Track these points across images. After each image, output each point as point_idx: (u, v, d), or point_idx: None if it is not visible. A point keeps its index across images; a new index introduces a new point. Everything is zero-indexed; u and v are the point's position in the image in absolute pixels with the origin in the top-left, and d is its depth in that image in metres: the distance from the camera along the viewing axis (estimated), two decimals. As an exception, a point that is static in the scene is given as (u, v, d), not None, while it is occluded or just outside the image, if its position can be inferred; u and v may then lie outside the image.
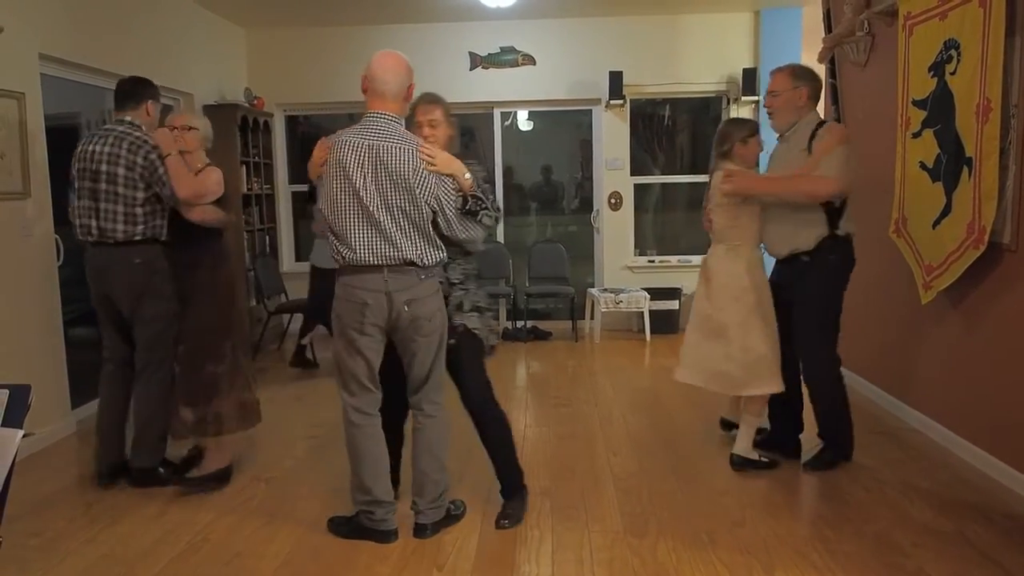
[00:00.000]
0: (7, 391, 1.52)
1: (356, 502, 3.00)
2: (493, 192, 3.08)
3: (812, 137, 3.47)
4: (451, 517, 3.11)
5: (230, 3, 6.33)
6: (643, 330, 6.87)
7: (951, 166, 3.61)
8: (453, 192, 2.86)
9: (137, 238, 3.44)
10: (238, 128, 6.41)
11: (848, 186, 3.44)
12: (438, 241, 2.85)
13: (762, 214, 3.57)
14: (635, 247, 7.49)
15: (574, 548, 2.91)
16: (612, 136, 7.27)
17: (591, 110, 7.39)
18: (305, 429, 4.46)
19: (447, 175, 2.83)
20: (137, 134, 3.46)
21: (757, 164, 3.78)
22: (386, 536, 2.96)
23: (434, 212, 2.81)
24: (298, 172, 7.51)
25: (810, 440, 3.79)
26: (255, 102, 6.88)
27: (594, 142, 7.45)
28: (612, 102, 7.02)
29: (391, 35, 7.08)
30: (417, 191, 2.75)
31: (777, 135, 3.69)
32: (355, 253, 2.77)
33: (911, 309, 4.13)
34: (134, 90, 3.57)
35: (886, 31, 4.44)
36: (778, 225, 3.56)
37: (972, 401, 3.68)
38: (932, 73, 3.77)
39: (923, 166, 3.88)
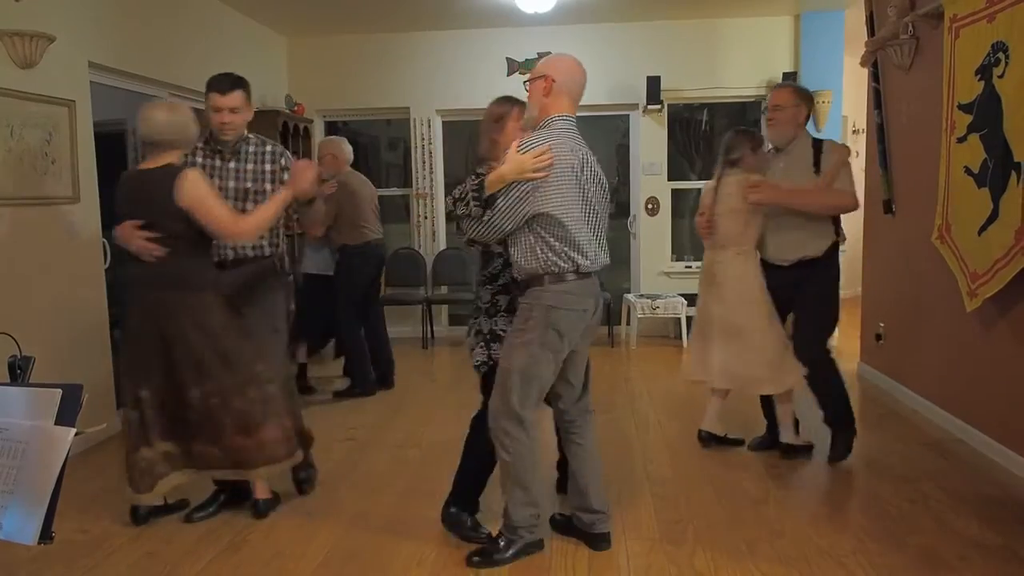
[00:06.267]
0: (60, 390, 1.57)
1: (521, 520, 2.83)
2: None
3: (818, 153, 3.70)
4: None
5: (272, 12, 6.44)
6: (680, 336, 6.82)
7: (998, 171, 3.52)
8: None
9: None
10: (279, 133, 6.51)
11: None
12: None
13: (766, 222, 3.76)
14: (672, 253, 7.45)
15: (610, 555, 2.90)
16: (650, 141, 7.23)
17: (628, 115, 7.37)
18: (342, 432, 4.51)
19: None
20: None
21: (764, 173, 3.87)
22: (541, 544, 2.94)
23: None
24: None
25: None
26: (295, 108, 6.98)
27: (631, 147, 7.42)
28: (650, 107, 6.99)
29: (428, 41, 7.15)
30: (606, 197, 2.85)
31: (772, 147, 3.86)
32: (588, 259, 2.73)
33: (956, 317, 4.04)
34: None
35: (931, 34, 4.36)
36: (789, 232, 3.73)
37: (1020, 411, 3.58)
38: (979, 76, 3.69)
39: (968, 171, 3.80)
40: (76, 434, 1.57)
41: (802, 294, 3.72)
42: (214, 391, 3.04)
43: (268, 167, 3.37)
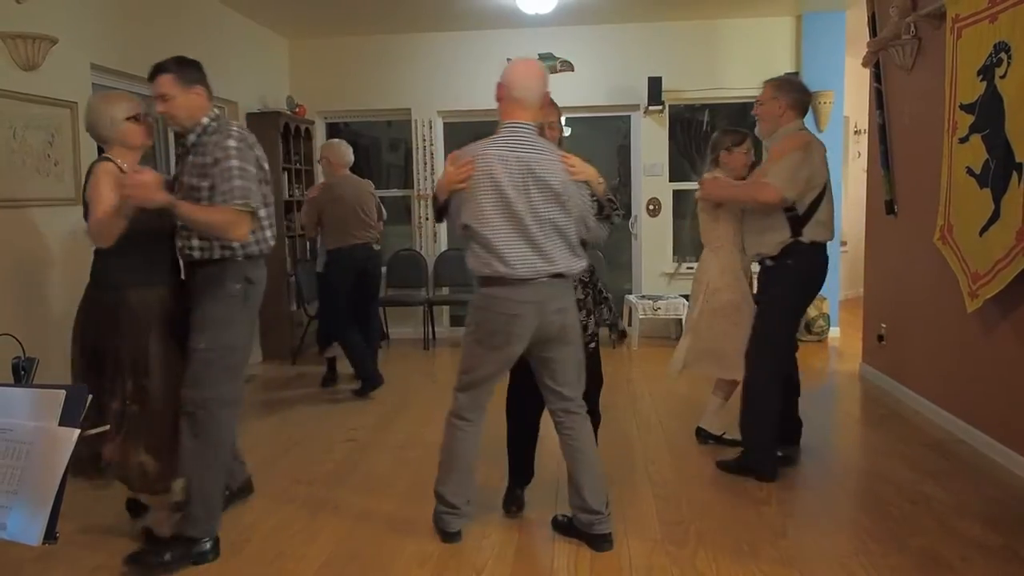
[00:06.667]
0: (64, 391, 1.57)
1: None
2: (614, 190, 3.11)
3: None
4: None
5: (274, 14, 6.45)
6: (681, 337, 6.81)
7: (1000, 172, 3.52)
8: (588, 197, 2.89)
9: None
10: (280, 135, 6.52)
11: (794, 193, 3.46)
12: (580, 249, 2.88)
13: (742, 219, 3.76)
14: (673, 254, 7.45)
15: (612, 555, 2.90)
16: (651, 142, 7.24)
17: (630, 116, 7.37)
18: (343, 432, 4.51)
19: (583, 181, 2.86)
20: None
21: (747, 171, 3.88)
22: (453, 536, 3.03)
23: (580, 219, 2.83)
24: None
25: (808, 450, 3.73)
26: (297, 110, 7.00)
27: (632, 148, 7.42)
28: (651, 108, 6.99)
29: (429, 43, 7.15)
30: (566, 201, 2.76)
31: (764, 141, 3.86)
32: (510, 267, 2.73)
33: (957, 317, 4.04)
34: None
35: (933, 34, 4.36)
36: (747, 229, 3.75)
37: (1021, 411, 3.58)
38: (981, 77, 3.69)
39: (970, 172, 3.80)
40: (79, 435, 1.57)
41: (759, 295, 3.75)
42: (130, 396, 2.92)
43: (204, 159, 2.84)
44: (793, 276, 3.57)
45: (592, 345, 3.16)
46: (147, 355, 2.92)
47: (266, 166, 2.99)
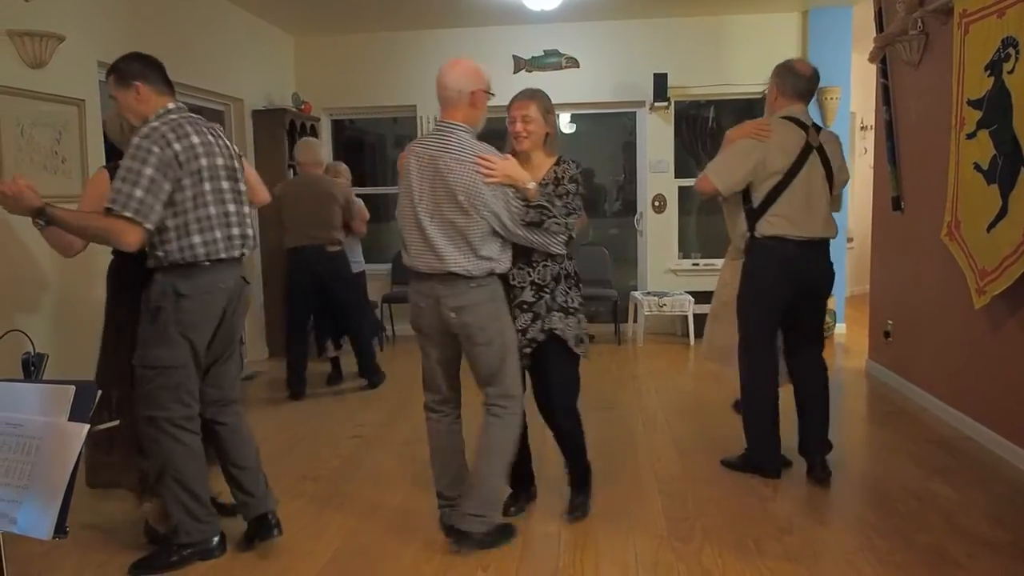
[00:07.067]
0: (73, 387, 1.58)
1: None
2: (577, 193, 2.97)
3: None
4: (488, 543, 2.92)
5: (280, 12, 6.46)
6: (687, 334, 6.82)
7: (1008, 167, 3.51)
8: (517, 201, 2.81)
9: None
10: (286, 132, 6.53)
11: (726, 184, 3.40)
12: (493, 252, 2.80)
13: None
14: (679, 250, 7.44)
15: (618, 552, 2.90)
16: (656, 138, 7.23)
17: (635, 112, 7.36)
18: (350, 429, 4.52)
19: (509, 185, 2.79)
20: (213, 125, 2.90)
21: None
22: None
23: (492, 223, 2.78)
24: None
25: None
26: (302, 107, 7.00)
27: (638, 144, 7.41)
28: (656, 104, 6.98)
29: (435, 40, 7.15)
30: (468, 204, 2.72)
31: None
32: (412, 260, 2.86)
33: (965, 314, 4.03)
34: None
35: (940, 29, 4.34)
36: (727, 224, 3.72)
37: (1030, 409, 3.58)
38: (988, 72, 3.67)
39: (978, 168, 3.79)
40: (89, 430, 1.59)
41: None
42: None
43: None
44: (748, 274, 3.48)
45: (528, 350, 2.97)
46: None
47: (204, 161, 2.68)
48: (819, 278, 3.51)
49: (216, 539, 2.91)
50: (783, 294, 3.43)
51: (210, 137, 2.76)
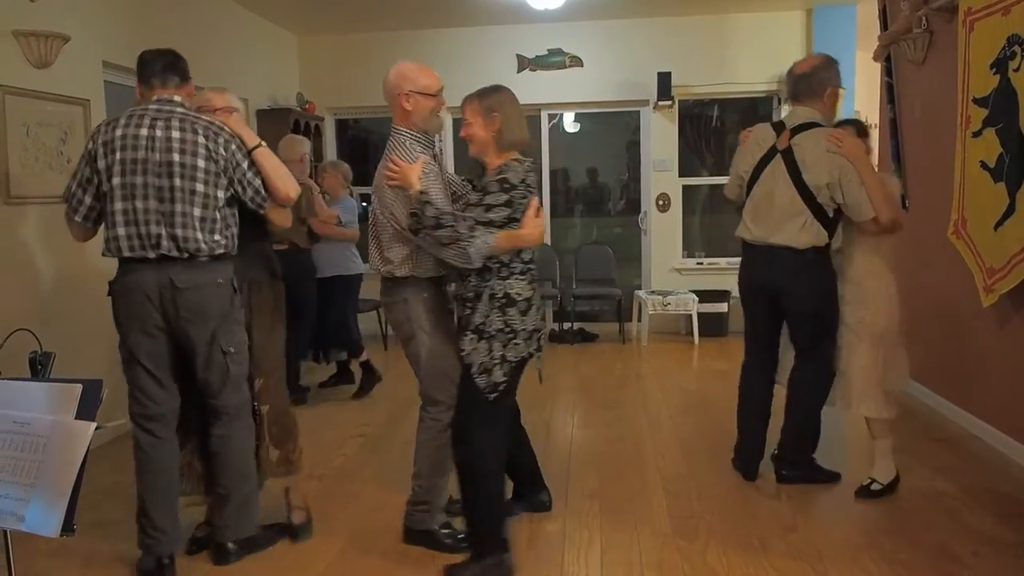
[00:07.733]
0: (80, 385, 1.59)
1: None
2: (502, 204, 2.59)
3: None
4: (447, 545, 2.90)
5: (284, 11, 6.47)
6: (691, 333, 6.81)
7: (1015, 165, 3.50)
8: (410, 204, 2.69)
9: (219, 251, 2.70)
10: (290, 131, 6.53)
11: (726, 188, 3.64)
12: (395, 256, 2.78)
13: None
14: (683, 249, 7.43)
15: (623, 550, 2.90)
16: (660, 137, 7.22)
17: (639, 111, 7.35)
18: (355, 428, 4.53)
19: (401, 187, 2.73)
20: (207, 118, 2.74)
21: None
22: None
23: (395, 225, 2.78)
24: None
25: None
26: (307, 106, 7.01)
27: (642, 143, 7.41)
28: (660, 103, 6.97)
29: (439, 39, 7.15)
30: (378, 205, 2.83)
31: None
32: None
33: (971, 312, 4.02)
34: (178, 64, 2.81)
35: (945, 27, 4.33)
36: None
37: (1036, 408, 3.57)
38: (994, 70, 3.66)
39: (984, 166, 3.78)
40: (96, 429, 1.59)
41: None
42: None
43: None
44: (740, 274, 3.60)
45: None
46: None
47: (118, 155, 2.61)
48: (778, 287, 3.30)
49: (157, 562, 2.76)
50: (748, 297, 3.53)
51: (144, 131, 2.62)
